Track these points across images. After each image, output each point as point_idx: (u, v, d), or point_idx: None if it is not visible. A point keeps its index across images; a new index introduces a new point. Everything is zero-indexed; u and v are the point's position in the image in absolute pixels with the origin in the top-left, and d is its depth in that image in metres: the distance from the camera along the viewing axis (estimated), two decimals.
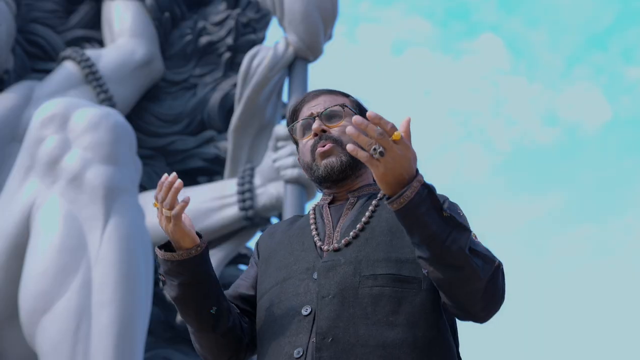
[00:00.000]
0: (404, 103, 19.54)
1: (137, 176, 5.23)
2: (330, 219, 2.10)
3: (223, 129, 7.01)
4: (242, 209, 6.11)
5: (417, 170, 1.82)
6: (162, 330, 6.46)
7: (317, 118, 2.13)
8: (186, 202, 1.96)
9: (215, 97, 7.08)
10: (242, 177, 6.23)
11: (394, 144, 1.75)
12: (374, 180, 2.19)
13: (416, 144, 1.83)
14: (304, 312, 1.93)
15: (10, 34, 6.69)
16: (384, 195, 1.86)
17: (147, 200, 5.45)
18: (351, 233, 2.01)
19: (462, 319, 1.96)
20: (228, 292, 2.15)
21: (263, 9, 7.40)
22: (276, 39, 6.53)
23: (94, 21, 7.35)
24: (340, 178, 2.10)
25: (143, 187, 6.59)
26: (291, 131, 2.20)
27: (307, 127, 2.16)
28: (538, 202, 19.56)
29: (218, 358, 2.09)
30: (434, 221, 1.81)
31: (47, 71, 6.86)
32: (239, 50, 7.18)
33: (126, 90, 6.79)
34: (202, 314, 2.02)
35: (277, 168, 6.01)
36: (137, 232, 4.91)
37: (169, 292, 2.03)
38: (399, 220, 1.85)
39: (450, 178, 18.81)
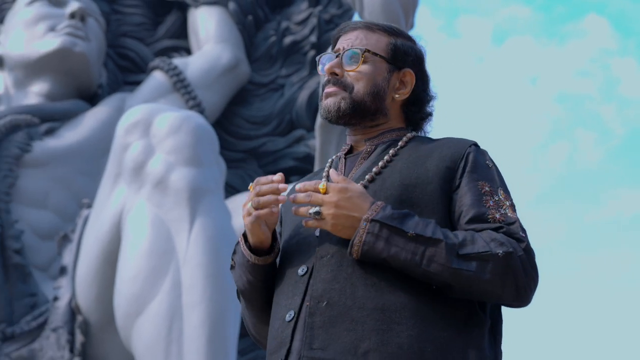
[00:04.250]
0: (509, 93, 19.10)
1: (221, 177, 5.27)
2: (343, 170, 1.99)
3: (312, 127, 6.98)
4: None
5: (371, 203, 1.78)
6: None
7: (337, 57, 2.01)
8: (275, 213, 1.87)
9: (303, 96, 7.08)
10: None
11: (325, 197, 1.78)
12: (405, 125, 2.04)
13: (524, 134, 1.76)
14: (300, 272, 1.84)
15: (101, 50, 6.90)
16: (407, 139, 1.91)
17: (238, 202, 5.46)
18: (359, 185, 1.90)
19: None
20: None
21: (344, 4, 7.36)
22: None
23: (181, 30, 7.48)
24: (339, 123, 1.99)
25: (235, 190, 6.66)
26: (318, 62, 2.09)
27: None
28: None
29: None
30: (401, 249, 1.74)
31: (138, 83, 7.03)
32: (323, 47, 7.15)
33: (214, 95, 6.88)
34: (263, 311, 1.98)
35: None
36: (223, 232, 4.94)
37: (236, 281, 1.99)
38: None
39: (564, 167, 18.25)
